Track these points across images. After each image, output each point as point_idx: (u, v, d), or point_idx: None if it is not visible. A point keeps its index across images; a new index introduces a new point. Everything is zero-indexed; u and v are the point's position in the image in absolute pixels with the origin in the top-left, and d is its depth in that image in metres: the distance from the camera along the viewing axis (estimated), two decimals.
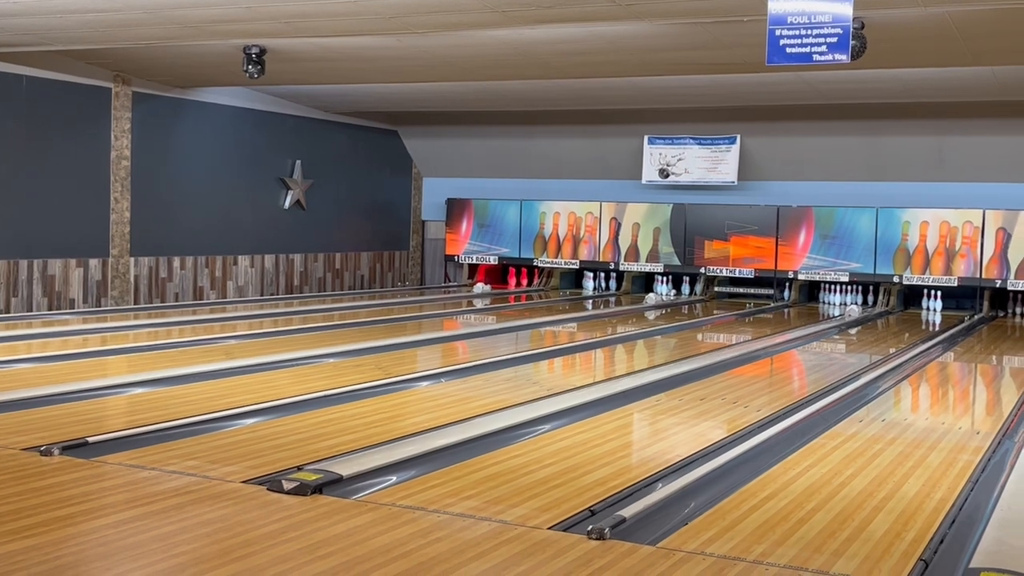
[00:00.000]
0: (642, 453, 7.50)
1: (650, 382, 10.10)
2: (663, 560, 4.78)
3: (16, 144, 14.92)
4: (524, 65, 14.52)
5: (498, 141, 21.14)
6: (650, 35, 12.20)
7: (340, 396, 8.81)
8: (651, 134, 20.17)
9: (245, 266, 18.82)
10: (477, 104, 18.94)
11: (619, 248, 20.90)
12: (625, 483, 6.10)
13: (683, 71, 14.83)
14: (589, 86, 16.46)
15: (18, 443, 6.76)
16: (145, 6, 11.42)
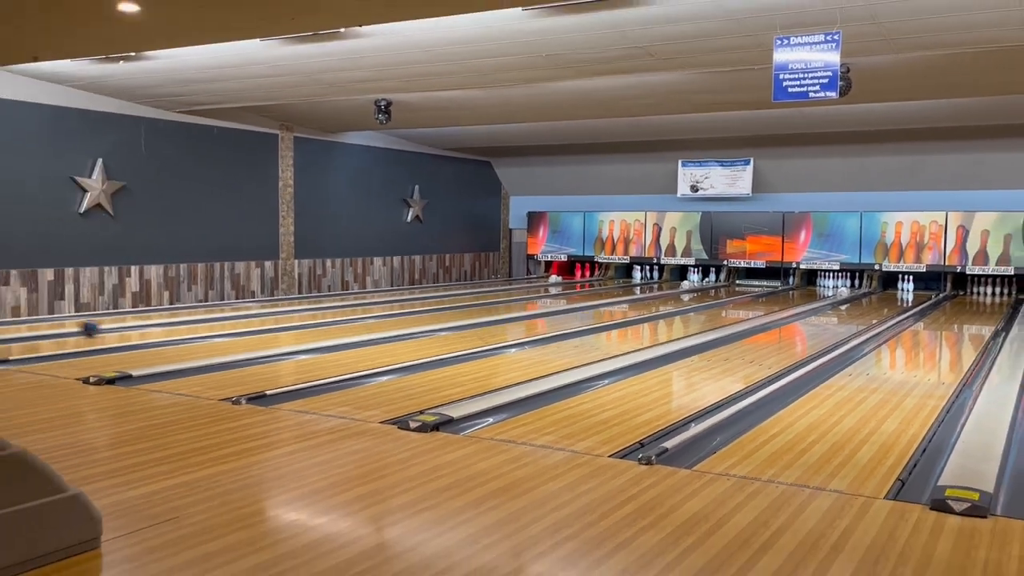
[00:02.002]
0: (679, 401, 7.46)
1: (685, 347, 10.06)
2: (696, 480, 4.77)
3: (210, 177, 15.30)
4: (586, 107, 14.50)
5: (566, 167, 21.18)
6: (682, 82, 12.10)
7: (450, 360, 8.92)
8: (684, 158, 20.10)
9: (379, 265, 19.06)
10: (551, 139, 19.02)
11: (660, 246, 20.87)
12: (666, 423, 6.10)
13: (708, 109, 14.70)
14: (635, 123, 16.42)
15: (216, 395, 6.99)
16: (303, 71, 11.63)
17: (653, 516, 4.16)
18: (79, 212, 13.37)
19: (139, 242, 14.24)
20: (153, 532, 3.94)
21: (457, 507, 4.31)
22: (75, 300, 13.42)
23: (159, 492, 4.53)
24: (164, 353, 9.28)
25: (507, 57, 10.61)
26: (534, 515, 4.19)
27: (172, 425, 6.07)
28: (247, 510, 4.44)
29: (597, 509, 4.28)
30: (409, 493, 4.56)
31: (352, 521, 4.22)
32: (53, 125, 12.99)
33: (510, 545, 3.81)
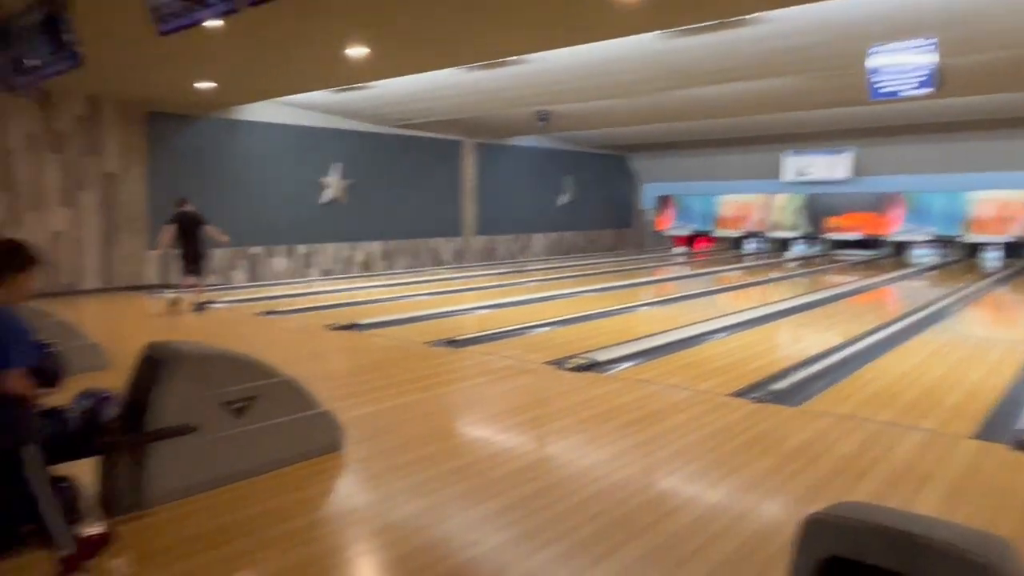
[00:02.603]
0: (786, 350, 7.12)
1: (791, 307, 9.54)
2: (801, 416, 4.55)
3: (413, 175, 15.83)
4: (707, 110, 13.89)
5: (689, 159, 20.44)
6: (789, 85, 11.34)
7: (595, 315, 8.86)
8: (789, 149, 18.90)
9: (539, 239, 19.16)
10: (676, 136, 18.41)
11: (769, 223, 19.81)
12: (776, 369, 5.82)
13: (811, 107, 13.71)
14: (748, 120, 15.58)
15: (420, 339, 7.24)
16: (482, 91, 11.75)
17: (763, 445, 4.01)
18: (322, 203, 14.20)
19: (363, 224, 14.97)
20: (378, 441, 4.18)
21: (603, 432, 4.31)
22: (320, 268, 14.30)
23: (382, 411, 4.79)
24: (382, 307, 9.70)
25: (643, 72, 10.30)
26: (665, 441, 4.14)
27: (389, 361, 6.38)
28: (446, 427, 4.63)
29: (716, 437, 4.18)
30: (565, 419, 4.61)
31: (522, 439, 4.31)
32: (303, 140, 13.81)
33: (645, 464, 3.79)
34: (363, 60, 8.89)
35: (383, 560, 2.82)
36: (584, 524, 3.04)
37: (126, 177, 11.58)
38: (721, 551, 2.80)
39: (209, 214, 12.61)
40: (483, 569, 2.70)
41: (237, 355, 3.59)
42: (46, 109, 10.76)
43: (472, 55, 9.30)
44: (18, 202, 10.58)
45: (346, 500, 3.49)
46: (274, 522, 3.10)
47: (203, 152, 12.44)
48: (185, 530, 3.02)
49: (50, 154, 10.84)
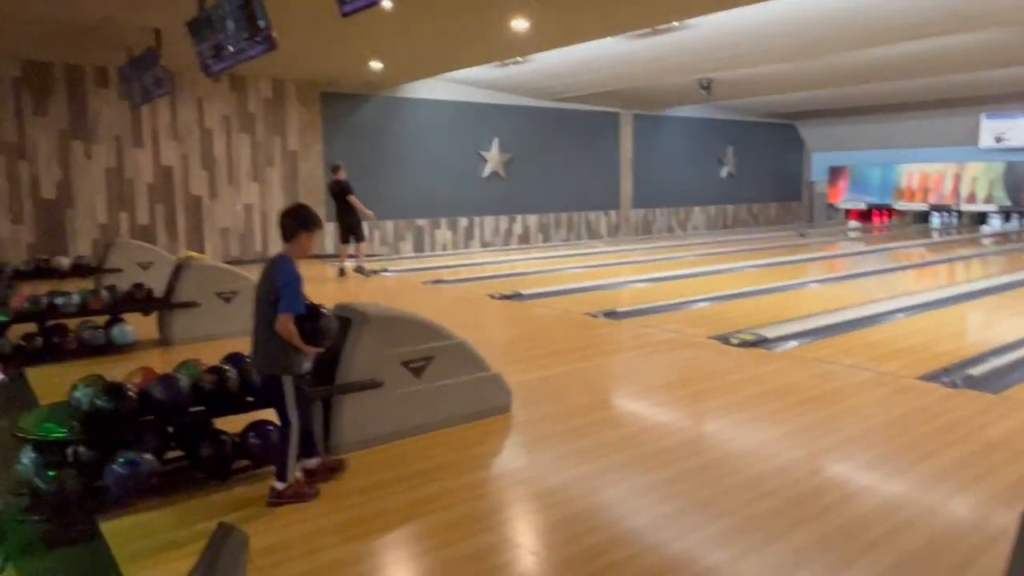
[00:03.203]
0: (981, 334, 6.43)
1: (983, 288, 8.58)
2: (1002, 404, 4.12)
3: (570, 149, 15.83)
4: (887, 71, 12.68)
5: (866, 125, 18.78)
6: (987, 40, 10.07)
7: (760, 291, 8.48)
8: (988, 112, 16.80)
9: (698, 212, 18.55)
10: (852, 101, 16.99)
11: (960, 195, 17.81)
12: (970, 353, 5.30)
13: (1013, 64, 12.10)
14: (936, 81, 14.00)
15: (579, 310, 7.29)
16: (642, 60, 11.49)
17: (959, 433, 3.67)
18: (483, 177, 14.60)
19: (522, 198, 15.23)
20: (544, 406, 4.28)
21: (771, 410, 4.14)
22: (481, 239, 14.76)
23: (546, 377, 4.89)
24: (542, 278, 9.86)
25: (817, 32, 9.58)
26: (841, 423, 3.91)
27: (551, 330, 6.49)
28: (608, 396, 4.65)
29: (902, 422, 3.88)
30: (731, 395, 4.47)
31: (685, 412, 4.24)
32: (464, 115, 14.23)
33: (819, 446, 3.60)
34: (525, 32, 8.98)
35: (546, 521, 2.91)
36: (751, 503, 2.95)
37: (307, 154, 12.52)
38: (906, 544, 2.62)
39: (378, 188, 13.41)
40: (643, 540, 2.71)
41: (416, 318, 3.81)
42: (238, 92, 11.85)
43: (633, 21, 9.09)
44: (216, 177, 11.78)
45: (513, 460, 3.62)
46: (449, 475, 3.28)
47: (372, 129, 13.17)
48: (373, 476, 3.28)
49: (242, 134, 11.95)
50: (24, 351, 5.44)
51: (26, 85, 10.15)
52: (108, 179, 10.87)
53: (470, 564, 2.53)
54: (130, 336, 5.84)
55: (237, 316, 6.18)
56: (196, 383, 3.24)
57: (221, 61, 6.77)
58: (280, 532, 2.80)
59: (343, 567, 2.53)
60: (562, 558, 2.58)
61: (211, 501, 3.04)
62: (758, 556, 2.55)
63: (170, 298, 6.11)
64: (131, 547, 2.67)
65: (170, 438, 3.32)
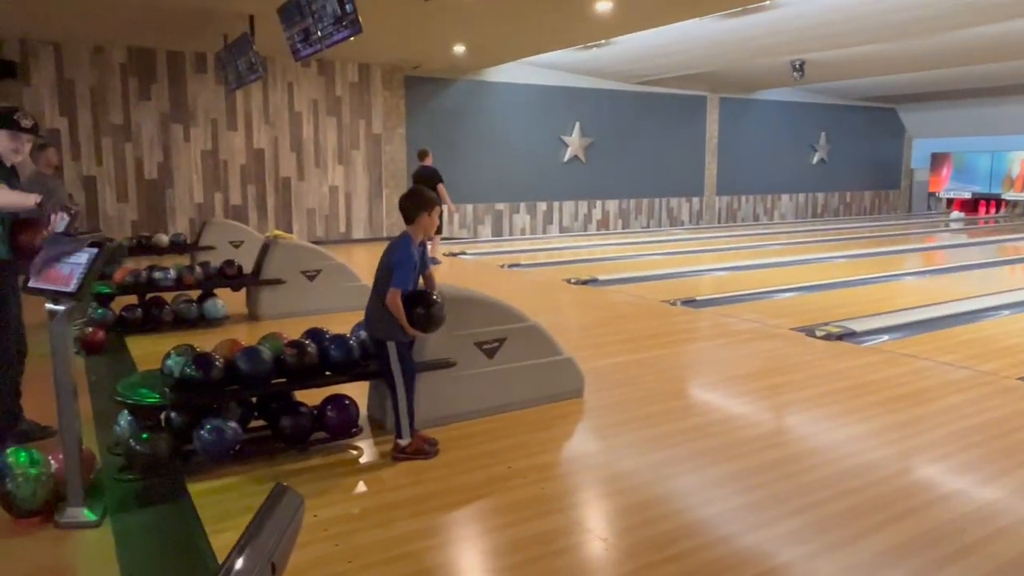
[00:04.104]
0: None
1: None
2: None
3: (654, 133, 15.52)
4: (996, 51, 11.79)
5: (972, 110, 17.57)
6: None
7: (850, 282, 8.15)
8: None
9: (786, 200, 17.88)
10: (956, 84, 15.86)
11: None
12: None
13: None
14: None
15: (657, 297, 7.19)
16: (731, 41, 11.11)
17: None
18: (563, 161, 14.52)
19: (602, 183, 15.06)
20: (617, 392, 4.24)
21: (857, 406, 3.96)
22: (559, 224, 14.71)
23: (620, 364, 4.84)
24: (619, 265, 9.76)
25: (920, 9, 9.00)
26: (933, 422, 3.70)
27: (627, 317, 6.42)
28: (683, 385, 4.56)
29: (1004, 424, 3.64)
30: (811, 389, 4.30)
31: (763, 404, 4.11)
32: (545, 99, 14.16)
33: (908, 446, 3.42)
34: (608, 15, 8.83)
35: (614, 506, 2.88)
36: (830, 501, 2.84)
37: (390, 138, 12.75)
38: (1000, 554, 2.45)
39: (459, 172, 13.53)
40: (714, 531, 2.64)
41: (490, 300, 3.83)
42: (326, 77, 12.18)
43: (721, 1, 8.79)
44: (304, 160, 12.17)
45: (584, 444, 3.60)
46: (520, 456, 3.30)
47: (454, 113, 13.28)
48: (445, 453, 3.33)
49: (329, 117, 12.28)
50: (125, 321, 5.79)
51: (131, 70, 10.74)
52: (204, 161, 11.40)
53: (537, 545, 2.54)
54: (221, 310, 6.13)
55: (320, 293, 6.41)
56: (278, 356, 3.36)
57: (309, 46, 6.97)
58: (355, 502, 2.89)
59: (414, 539, 2.58)
60: (629, 543, 2.56)
61: (289, 470, 3.16)
62: (836, 556, 2.45)
63: (258, 275, 6.36)
64: (215, 508, 2.81)
65: (253, 408, 3.47)
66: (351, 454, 3.38)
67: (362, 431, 3.52)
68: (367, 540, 2.57)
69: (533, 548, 2.52)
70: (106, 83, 10.57)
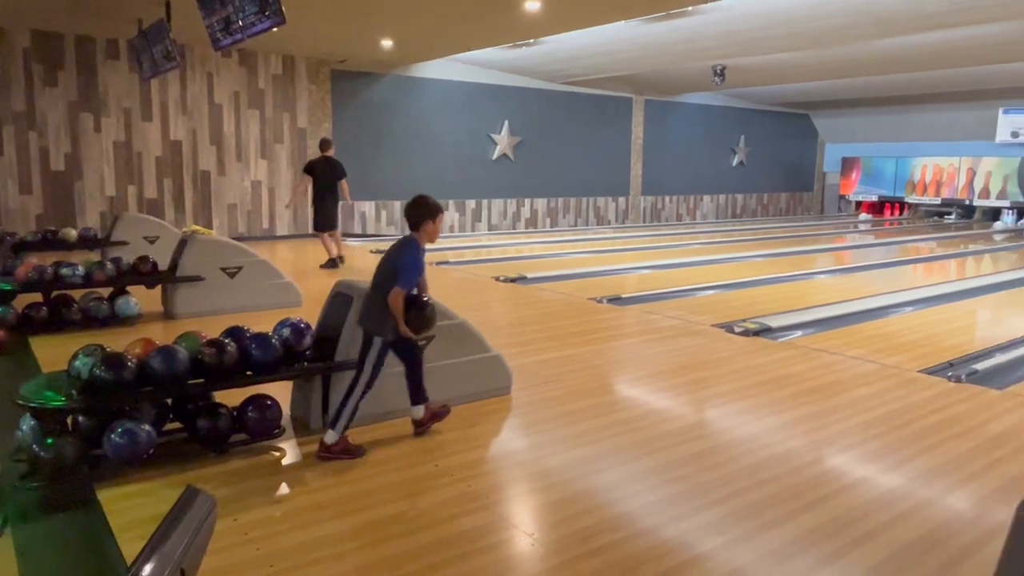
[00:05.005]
0: (988, 330, 6.37)
1: (996, 283, 8.54)
2: (1009, 400, 4.08)
3: (581, 133, 15.73)
4: (905, 62, 12.51)
5: (881, 117, 18.58)
6: (1009, 31, 9.91)
7: (767, 281, 8.46)
8: (1005, 107, 16.57)
9: (707, 201, 18.44)
10: (867, 92, 16.75)
11: (973, 189, 17.63)
12: (975, 348, 5.27)
13: None
14: (953, 74, 13.83)
15: (584, 295, 7.27)
16: (655, 45, 11.37)
17: (962, 427, 3.65)
18: (492, 159, 14.54)
19: (530, 181, 15.16)
20: (543, 388, 4.27)
21: (772, 399, 4.13)
22: (488, 222, 14.72)
23: (547, 360, 4.88)
24: (547, 263, 9.84)
25: (836, 20, 9.44)
26: (842, 414, 3.89)
27: (554, 314, 6.47)
28: (608, 381, 4.63)
29: (903, 415, 3.85)
30: (732, 383, 4.45)
31: (686, 399, 4.22)
32: (474, 97, 14.14)
33: (819, 436, 3.58)
34: (536, 14, 8.88)
35: (541, 502, 2.91)
36: (748, 491, 2.94)
37: (315, 132, 12.47)
38: (902, 537, 2.60)
39: (388, 168, 13.35)
40: (638, 524, 2.70)
41: None
42: (248, 68, 11.80)
43: (647, 5, 8.98)
44: (225, 153, 11.76)
45: (512, 441, 3.61)
46: (447, 454, 3.28)
47: (382, 109, 13.10)
48: (371, 453, 3.28)
49: (251, 110, 11.91)
50: (29, 321, 5.46)
51: (36, 56, 10.13)
52: (117, 152, 10.86)
53: (465, 542, 2.53)
54: (134, 308, 5.86)
55: (242, 291, 6.21)
56: (195, 355, 3.24)
57: (230, 35, 6.73)
58: (277, 505, 2.81)
59: (337, 542, 2.53)
60: (555, 538, 2.58)
61: (207, 473, 3.05)
62: (753, 543, 2.54)
63: (174, 271, 6.11)
64: (126, 515, 2.68)
65: (168, 410, 3.33)
66: (273, 455, 3.29)
67: (284, 432, 3.43)
68: (289, 543, 2.51)
69: (459, 545, 2.51)
70: (7, 68, 9.93)
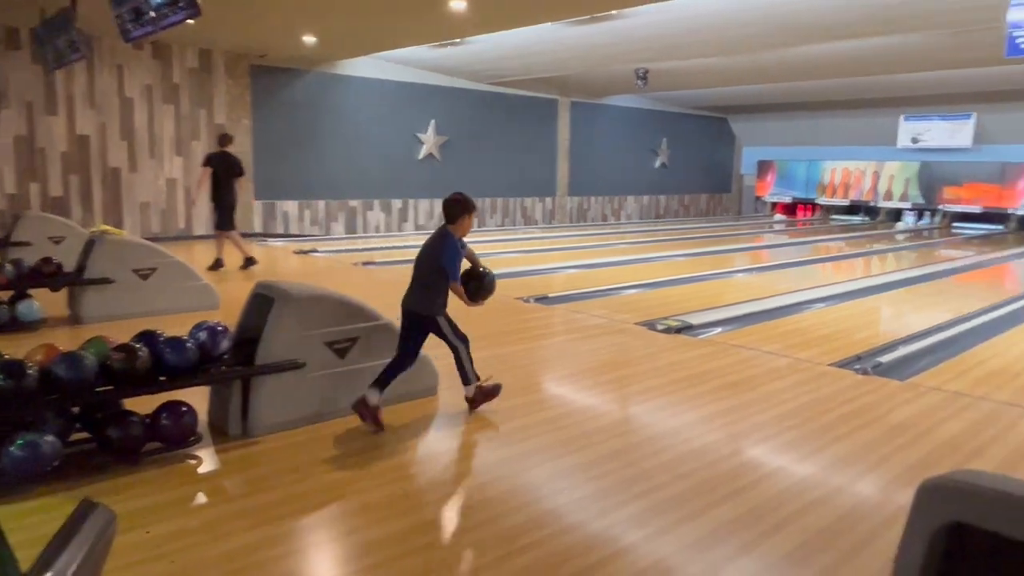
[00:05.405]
0: (893, 324, 6.74)
1: (896, 280, 9.02)
2: (909, 391, 4.32)
3: (508, 133, 15.79)
4: (818, 69, 13.12)
5: (795, 122, 19.43)
6: (911, 43, 10.54)
7: (688, 279, 8.68)
8: (906, 113, 17.63)
9: (631, 201, 18.82)
10: (782, 97, 17.50)
11: (878, 192, 18.67)
12: (881, 342, 5.55)
13: (933, 67, 12.73)
14: (862, 82, 14.63)
15: (512, 296, 7.27)
16: (581, 47, 11.53)
17: (868, 417, 3.84)
18: (418, 159, 14.42)
19: (457, 181, 15.07)
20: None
21: (693, 394, 4.24)
22: (415, 222, 14.59)
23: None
24: None
25: (752, 28, 9.81)
26: (759, 407, 4.04)
27: (482, 314, 6.38)
28: (535, 380, 4.66)
29: (817, 407, 4.03)
30: (655, 379, 4.55)
31: (610, 396, 4.30)
32: (401, 96, 13.99)
33: (736, 429, 3.71)
34: (462, 14, 8.86)
35: (467, 503, 2.90)
36: (669, 484, 3.01)
37: (234, 129, 12.08)
38: (818, 520, 2.72)
39: (311, 167, 13.06)
40: (562, 520, 2.73)
41: (341, 297, 3.72)
42: (162, 61, 11.32)
43: (571, 8, 9.10)
44: (137, 149, 11.25)
45: (439, 442, 3.59)
46: (372, 458, 3.23)
47: (305, 106, 12.81)
48: (290, 459, 3.19)
49: (165, 105, 11.43)
50: None
51: None
52: (18, 147, 10.23)
53: (388, 546, 2.50)
54: (37, 313, 5.53)
55: (156, 294, 5.94)
56: (104, 361, 3.08)
57: (141, 27, 6.44)
58: (191, 516, 2.71)
59: (254, 551, 2.45)
60: (482, 537, 2.58)
61: (118, 485, 2.91)
62: (673, 535, 2.61)
63: (81, 273, 5.80)
64: (27, 533, 2.51)
65: (75, 419, 3.15)
66: (189, 464, 3.16)
67: (202, 439, 3.30)
68: (206, 554, 2.42)
69: (386, 550, 2.48)
70: None
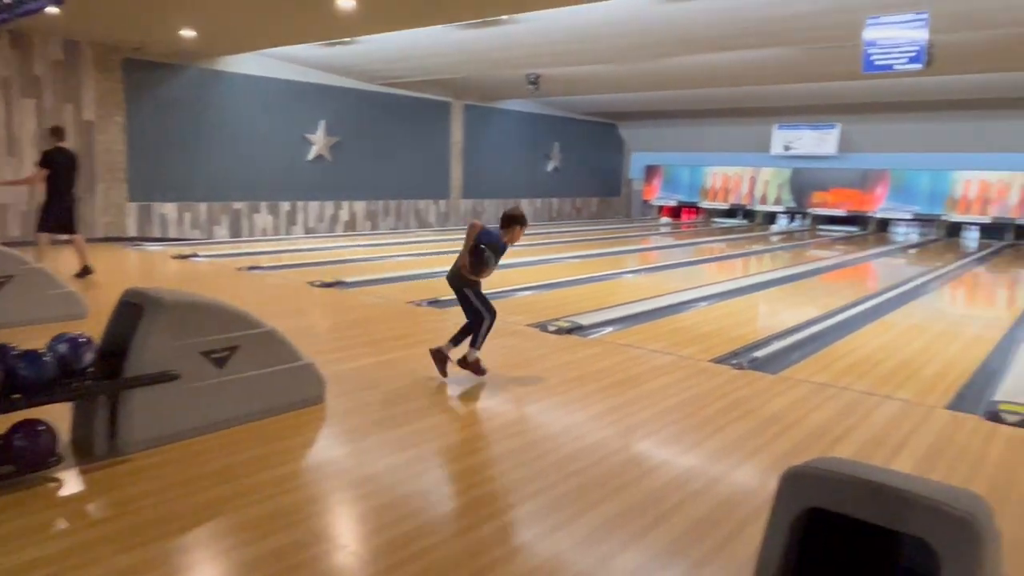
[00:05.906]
0: (767, 321, 7.15)
1: (771, 279, 9.59)
2: (781, 384, 4.60)
3: (401, 135, 15.62)
4: (699, 78, 13.77)
5: (679, 128, 20.33)
6: (782, 56, 11.25)
7: (579, 281, 8.87)
8: (779, 123, 18.85)
9: (525, 204, 19.05)
10: (667, 105, 18.28)
11: (755, 196, 19.86)
12: (756, 338, 5.87)
13: (802, 80, 13.68)
14: (739, 92, 15.50)
15: (404, 299, 7.20)
16: (473, 51, 11.56)
17: (744, 410, 4.05)
18: (308, 160, 13.99)
19: (349, 183, 14.79)
20: (360, 395, 4.17)
21: (583, 393, 4.33)
22: (304, 225, 14.15)
23: (364, 367, 4.77)
24: (367, 266, 9.64)
25: (638, 37, 10.17)
26: (645, 403, 4.17)
27: (372, 319, 6.35)
28: (427, 384, 4.61)
29: (697, 402, 4.21)
30: (545, 381, 4.61)
31: (502, 397, 4.31)
32: (288, 95, 13.54)
33: (624, 425, 3.81)
34: (352, 12, 8.69)
35: (356, 512, 2.83)
36: (561, 482, 3.06)
37: (104, 127, 11.32)
38: (698, 510, 2.84)
39: (191, 167, 12.41)
40: (455, 524, 2.72)
41: (218, 304, 3.54)
42: (21, 51, 10.45)
43: (463, 11, 9.12)
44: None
45: (326, 451, 3.48)
46: (253, 471, 3.09)
47: (184, 103, 12.17)
48: (163, 477, 3.00)
49: (25, 99, 10.55)
50: None
51: None
52: None
53: (273, 562, 2.39)
54: None
55: (11, 304, 5.46)
56: None
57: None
58: (50, 543, 2.49)
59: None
60: (372, 547, 2.52)
61: None
62: (563, 533, 2.64)
63: None
64: None
65: None
66: (48, 487, 2.91)
67: (63, 460, 3.05)
68: None
69: (270, 566, 2.37)
70: None
